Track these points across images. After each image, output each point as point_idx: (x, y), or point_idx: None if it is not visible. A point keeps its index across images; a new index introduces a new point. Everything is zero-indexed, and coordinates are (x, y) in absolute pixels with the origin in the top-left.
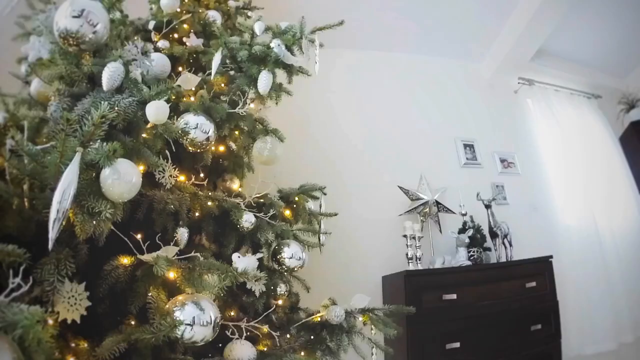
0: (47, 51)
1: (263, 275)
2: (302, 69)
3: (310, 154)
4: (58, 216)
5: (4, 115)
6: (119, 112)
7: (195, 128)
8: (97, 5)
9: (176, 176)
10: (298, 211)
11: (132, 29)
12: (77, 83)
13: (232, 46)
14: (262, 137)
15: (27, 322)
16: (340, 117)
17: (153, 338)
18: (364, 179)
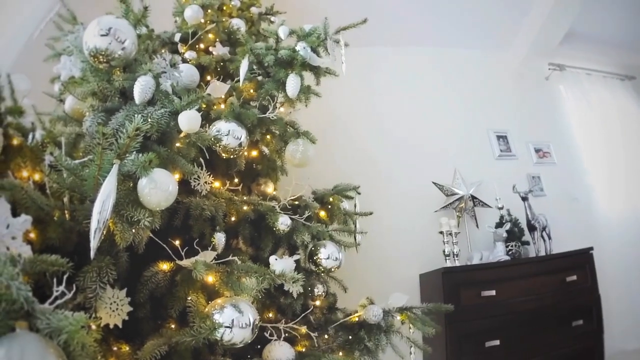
0: (78, 69)
1: (300, 276)
2: (329, 69)
3: (342, 153)
4: (99, 226)
5: (41, 133)
6: (153, 124)
7: (227, 135)
8: (123, 23)
9: (211, 182)
10: (333, 212)
11: (159, 42)
12: (110, 98)
13: (258, 52)
14: (293, 139)
15: (72, 327)
16: (369, 116)
17: (193, 341)
18: (398, 176)
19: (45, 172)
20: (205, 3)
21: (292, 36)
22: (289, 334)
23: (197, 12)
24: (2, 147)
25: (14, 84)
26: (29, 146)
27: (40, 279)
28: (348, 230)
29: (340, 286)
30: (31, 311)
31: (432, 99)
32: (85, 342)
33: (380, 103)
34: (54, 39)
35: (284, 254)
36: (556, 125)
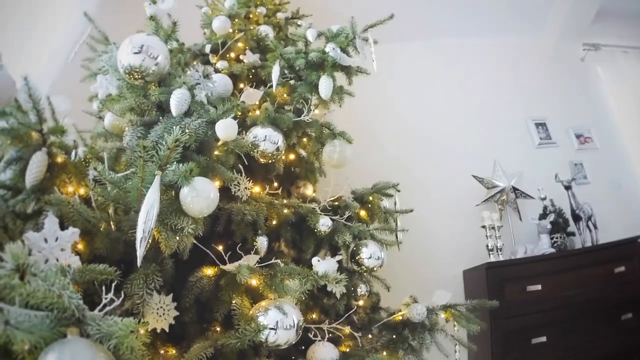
0: (115, 87)
1: (343, 277)
2: (360, 68)
3: (379, 151)
4: (144, 235)
5: (83, 150)
6: (191, 134)
7: (264, 140)
8: (154, 39)
9: (251, 188)
10: (373, 210)
11: (190, 55)
12: (147, 112)
13: (288, 56)
14: (330, 141)
15: (122, 332)
16: (404, 112)
17: (238, 343)
18: (437, 172)
19: (89, 186)
20: (232, 13)
21: (320, 38)
22: (332, 335)
23: (225, 22)
24: (47, 165)
25: (54, 105)
26: (73, 163)
27: (89, 288)
28: (389, 228)
29: (383, 285)
30: (82, 318)
31: (466, 91)
32: (134, 346)
33: (414, 98)
34: (88, 60)
35: (326, 255)
36: (596, 108)
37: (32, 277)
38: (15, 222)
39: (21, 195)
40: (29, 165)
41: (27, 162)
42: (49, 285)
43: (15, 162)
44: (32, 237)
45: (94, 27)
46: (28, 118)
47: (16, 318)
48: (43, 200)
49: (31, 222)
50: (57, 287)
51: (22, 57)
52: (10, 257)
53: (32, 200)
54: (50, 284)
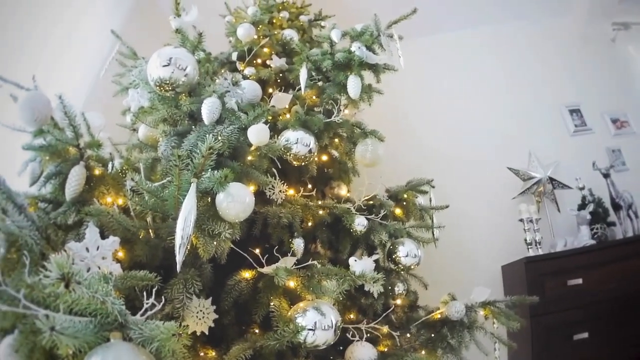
0: (146, 100)
1: (380, 276)
2: (387, 65)
3: (411, 148)
4: (183, 241)
5: (119, 161)
6: (224, 141)
7: (296, 143)
8: (182, 51)
9: (285, 191)
10: (408, 208)
11: (218, 63)
12: (180, 122)
13: (314, 58)
14: (362, 140)
15: (163, 336)
16: (435, 106)
17: (277, 344)
18: (471, 166)
19: (127, 196)
20: (255, 20)
21: (345, 38)
22: (371, 334)
23: (249, 29)
24: (86, 178)
25: (89, 121)
26: (110, 174)
27: (130, 293)
28: (425, 225)
29: (421, 283)
30: (124, 323)
31: (496, 81)
32: (176, 349)
33: (443, 92)
34: (119, 75)
35: (362, 254)
36: (630, 90)
37: (77, 285)
38: (57, 233)
39: (62, 207)
40: (68, 179)
41: (66, 176)
42: (93, 292)
43: (55, 177)
44: (74, 247)
45: (122, 43)
46: (65, 134)
47: (61, 324)
48: (83, 211)
49: (72, 232)
50: (101, 294)
51: (55, 76)
52: (55, 267)
53: (73, 212)
54: (94, 291)
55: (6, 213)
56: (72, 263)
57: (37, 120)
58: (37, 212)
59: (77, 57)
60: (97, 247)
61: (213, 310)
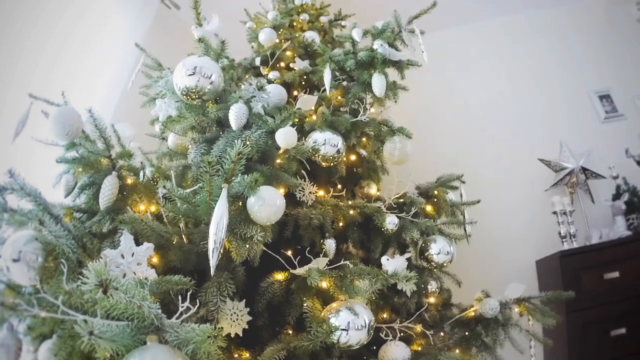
0: (174, 109)
1: (413, 274)
2: (410, 61)
3: (440, 144)
4: (216, 246)
5: (150, 170)
6: (252, 146)
7: (324, 144)
8: (206, 60)
9: (315, 192)
10: (439, 205)
11: (242, 69)
12: (208, 129)
13: (337, 59)
14: (389, 138)
15: (199, 338)
16: (461, 99)
17: (311, 345)
18: (501, 158)
19: (160, 204)
20: (276, 24)
21: (367, 36)
22: (404, 334)
23: (270, 34)
24: (119, 187)
25: (119, 132)
26: (142, 183)
27: (165, 297)
28: (457, 222)
29: (454, 281)
30: (160, 326)
31: (521, 71)
32: (211, 351)
33: (469, 84)
34: (146, 87)
35: (394, 253)
36: None
37: (114, 291)
38: (93, 241)
39: (96, 216)
40: (102, 189)
41: (100, 186)
42: (130, 297)
43: (89, 187)
44: (110, 254)
45: (147, 55)
46: (96, 146)
47: (99, 328)
48: (117, 219)
49: (107, 240)
50: (137, 299)
51: (84, 90)
52: (93, 274)
53: (107, 220)
54: (130, 296)
55: (43, 224)
56: (109, 270)
57: (69, 134)
58: (72, 221)
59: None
60: (132, 253)
61: (247, 312)
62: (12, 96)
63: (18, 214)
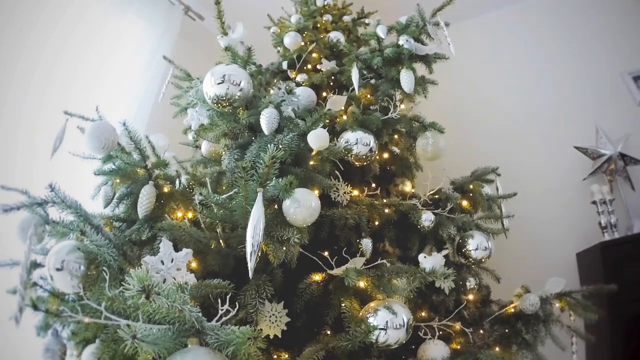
0: (206, 117)
1: (451, 271)
2: (438, 54)
3: (473, 136)
4: (253, 249)
5: (186, 178)
6: (285, 149)
7: (356, 144)
8: (234, 67)
9: (350, 192)
10: (475, 199)
11: (270, 74)
12: (240, 135)
13: (364, 57)
14: (421, 134)
15: (239, 340)
16: (492, 89)
17: (349, 345)
18: (536, 148)
19: (197, 210)
20: (300, 27)
21: (391, 32)
22: (443, 332)
23: (295, 37)
24: (156, 195)
25: (153, 143)
26: (178, 191)
27: (205, 301)
28: (494, 216)
29: (493, 277)
30: (201, 329)
31: (550, 55)
32: (251, 352)
33: (498, 73)
34: (177, 97)
35: (431, 250)
36: None
37: (156, 296)
38: (133, 249)
39: (135, 225)
40: (140, 198)
41: (137, 195)
42: (171, 301)
43: (127, 197)
44: (150, 260)
45: (175, 67)
46: (132, 157)
47: (142, 332)
48: (156, 227)
49: (147, 247)
50: (179, 303)
51: (118, 104)
52: (136, 280)
53: (146, 228)
54: (172, 301)
55: (84, 234)
56: (151, 276)
57: (105, 147)
58: (113, 231)
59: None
60: (171, 259)
61: (285, 314)
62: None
63: (60, 225)
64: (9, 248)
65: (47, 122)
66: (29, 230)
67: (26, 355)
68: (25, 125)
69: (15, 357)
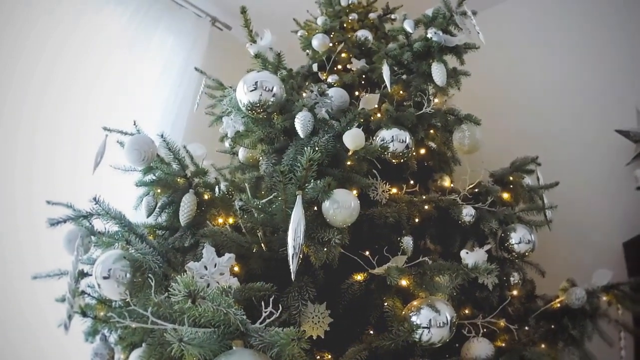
0: (241, 124)
1: (494, 267)
2: (468, 44)
3: (510, 126)
4: (295, 251)
5: (224, 184)
6: (321, 151)
7: (392, 141)
8: (265, 74)
9: (388, 190)
10: (516, 191)
11: (300, 77)
12: (276, 139)
13: (393, 53)
14: (457, 127)
15: (283, 341)
16: (525, 76)
17: (392, 344)
18: (575, 134)
19: (237, 215)
20: (327, 28)
21: (419, 26)
22: (487, 329)
23: (323, 38)
24: (197, 203)
25: (191, 152)
26: (218, 197)
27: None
28: (536, 207)
29: (537, 271)
30: (245, 331)
31: (584, 37)
32: (295, 353)
33: (532, 58)
34: (211, 107)
35: (473, 245)
36: None
37: (202, 300)
38: (176, 255)
39: (178, 232)
40: (181, 206)
41: (179, 204)
42: (217, 305)
43: (169, 206)
44: (193, 266)
45: (207, 77)
46: (172, 167)
47: (188, 335)
48: (198, 234)
49: (190, 254)
50: (224, 306)
51: (152, 116)
52: (182, 286)
53: (188, 235)
54: (217, 304)
55: (129, 243)
56: (196, 281)
57: (145, 159)
58: (156, 239)
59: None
60: (214, 264)
61: (328, 315)
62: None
63: (105, 236)
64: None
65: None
66: (75, 241)
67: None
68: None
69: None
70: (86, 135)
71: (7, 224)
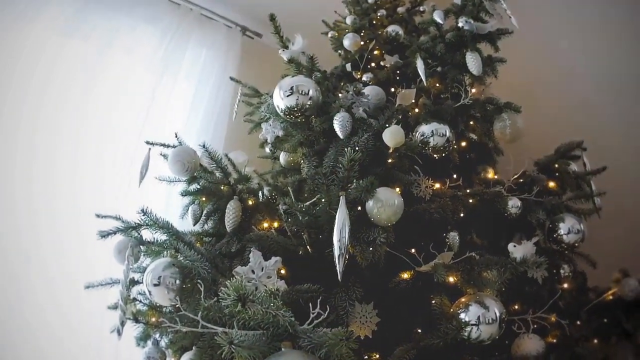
0: (280, 129)
1: (543, 259)
2: (501, 30)
3: (550, 110)
4: (341, 252)
5: (267, 189)
6: (362, 151)
7: (432, 135)
8: (300, 78)
9: (432, 186)
10: (563, 179)
11: (335, 78)
12: (316, 142)
13: (426, 46)
14: (497, 116)
15: (332, 342)
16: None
17: (441, 342)
18: (618, 115)
19: (282, 219)
20: (356, 27)
21: (449, 16)
22: (537, 325)
23: (354, 38)
24: (242, 209)
25: (233, 160)
26: (262, 202)
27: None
28: (584, 195)
29: (588, 262)
30: (294, 332)
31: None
32: (343, 354)
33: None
34: (249, 114)
35: (521, 238)
36: None
37: (251, 304)
38: (224, 261)
39: (224, 238)
40: (226, 213)
41: (224, 211)
42: (266, 308)
43: (214, 213)
44: (241, 270)
45: (243, 86)
46: (215, 176)
47: (238, 338)
48: (245, 239)
49: (237, 259)
50: (272, 309)
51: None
52: (232, 290)
53: (235, 240)
54: (266, 307)
55: (178, 250)
56: (245, 285)
57: (188, 170)
58: (204, 246)
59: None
60: (261, 268)
61: (375, 314)
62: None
63: (154, 245)
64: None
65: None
66: (125, 251)
67: None
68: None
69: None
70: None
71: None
